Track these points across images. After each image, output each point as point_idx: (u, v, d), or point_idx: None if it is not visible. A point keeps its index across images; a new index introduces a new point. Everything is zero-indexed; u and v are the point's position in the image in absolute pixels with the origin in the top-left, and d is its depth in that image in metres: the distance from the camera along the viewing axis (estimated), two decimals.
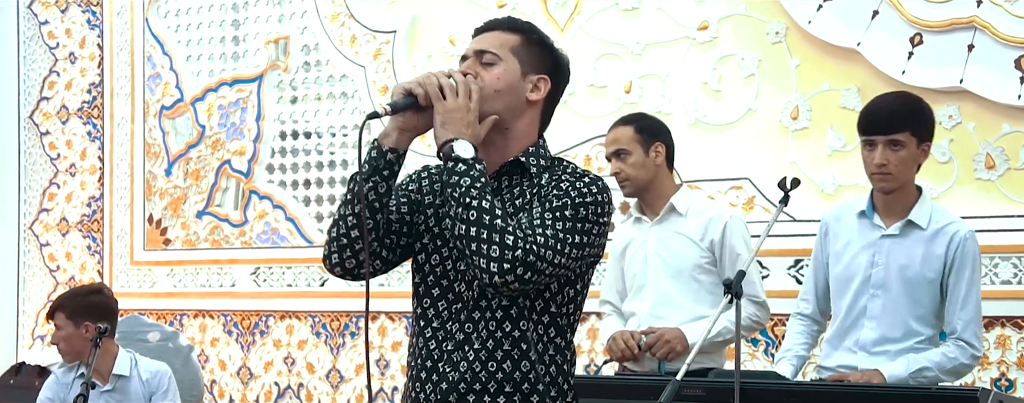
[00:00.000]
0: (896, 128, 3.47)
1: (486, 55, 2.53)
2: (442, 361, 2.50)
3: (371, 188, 2.53)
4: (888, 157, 3.47)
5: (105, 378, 4.65)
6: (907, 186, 3.54)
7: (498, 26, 2.58)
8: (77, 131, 7.28)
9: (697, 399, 3.32)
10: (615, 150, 4.13)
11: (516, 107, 2.54)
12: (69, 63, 7.32)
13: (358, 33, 6.36)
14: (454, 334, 2.51)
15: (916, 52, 4.92)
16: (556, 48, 2.61)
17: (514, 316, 2.47)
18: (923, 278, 3.51)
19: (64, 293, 4.99)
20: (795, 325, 3.77)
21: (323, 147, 6.48)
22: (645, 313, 4.07)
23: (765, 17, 5.26)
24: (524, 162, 2.54)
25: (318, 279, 6.44)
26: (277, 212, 6.60)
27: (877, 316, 3.54)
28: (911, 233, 3.53)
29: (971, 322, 3.50)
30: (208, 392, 6.64)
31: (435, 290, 2.56)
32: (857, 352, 3.56)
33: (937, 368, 3.46)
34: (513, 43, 2.54)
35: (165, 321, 6.75)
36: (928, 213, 3.54)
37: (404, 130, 2.54)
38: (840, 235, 3.64)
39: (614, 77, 5.60)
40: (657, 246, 4.09)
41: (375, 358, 6.25)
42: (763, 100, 5.25)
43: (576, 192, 2.46)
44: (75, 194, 7.29)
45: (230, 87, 6.78)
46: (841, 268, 3.62)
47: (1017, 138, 4.74)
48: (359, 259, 2.56)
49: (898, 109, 3.55)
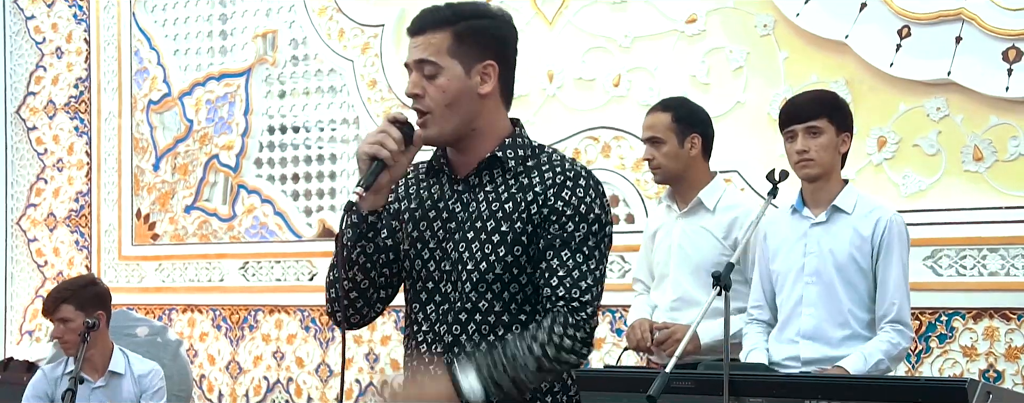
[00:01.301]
0: (813, 115, 3.63)
1: (426, 66, 2.48)
2: (433, 365, 2.49)
3: (359, 252, 2.49)
4: (808, 144, 3.61)
5: (100, 373, 4.63)
6: (832, 176, 3.66)
7: (428, 26, 2.49)
8: (64, 126, 7.26)
9: (686, 391, 3.33)
10: (649, 137, 4.05)
11: (472, 108, 2.50)
12: (56, 58, 7.30)
13: (346, 27, 6.35)
14: (443, 337, 2.50)
15: (904, 44, 4.92)
16: (490, 22, 2.52)
17: (506, 321, 2.48)
18: (854, 261, 3.60)
19: (61, 286, 4.87)
20: (753, 327, 3.82)
21: (312, 141, 6.47)
22: (665, 306, 4.07)
23: (753, 10, 5.26)
24: (501, 157, 2.51)
25: (307, 273, 6.44)
26: (266, 206, 6.59)
27: (814, 302, 3.62)
28: (838, 219, 3.64)
29: (904, 304, 3.58)
30: (197, 387, 6.63)
31: (423, 294, 2.54)
32: (798, 341, 3.63)
33: (888, 357, 3.54)
34: (447, 44, 2.47)
35: (154, 316, 6.74)
36: (854, 199, 3.65)
37: (378, 191, 2.48)
38: (776, 234, 3.75)
39: (602, 70, 5.59)
40: (681, 238, 4.06)
41: (364, 352, 6.25)
42: (751, 93, 5.26)
43: (585, 207, 2.46)
44: (62, 189, 7.27)
45: (218, 81, 6.76)
46: (778, 264, 3.73)
47: (1005, 130, 4.75)
48: (362, 314, 2.57)
49: (814, 99, 3.76)
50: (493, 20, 2.53)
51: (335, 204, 6.37)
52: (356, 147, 2.62)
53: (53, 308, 4.58)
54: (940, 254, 4.78)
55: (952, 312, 4.80)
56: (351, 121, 6.32)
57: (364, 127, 6.26)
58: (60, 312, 4.55)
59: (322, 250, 6.37)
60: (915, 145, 4.91)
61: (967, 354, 4.80)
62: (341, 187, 6.36)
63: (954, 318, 4.76)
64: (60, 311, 4.55)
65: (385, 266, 2.55)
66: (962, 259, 4.80)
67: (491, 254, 2.45)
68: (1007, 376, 4.73)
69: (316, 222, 6.43)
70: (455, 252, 2.49)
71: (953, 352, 4.77)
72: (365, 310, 2.56)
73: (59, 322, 4.55)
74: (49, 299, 4.66)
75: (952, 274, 4.78)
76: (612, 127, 5.57)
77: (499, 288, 2.47)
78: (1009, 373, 4.73)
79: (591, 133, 5.61)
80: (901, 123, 4.93)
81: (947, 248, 4.78)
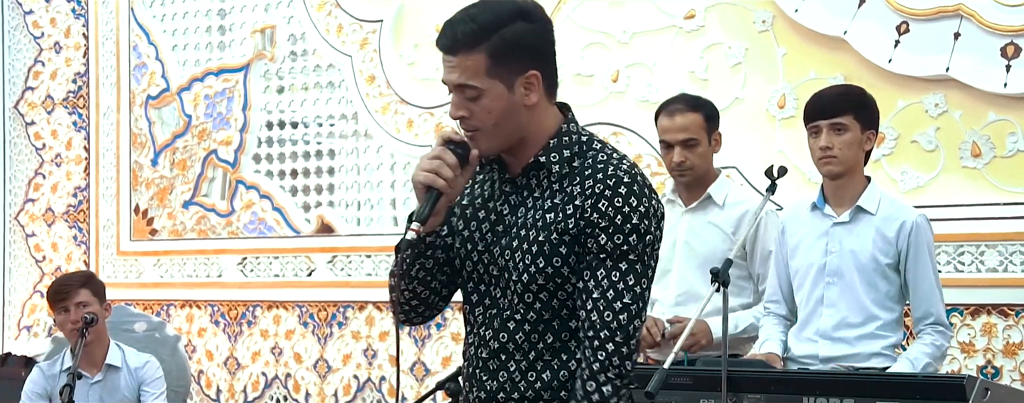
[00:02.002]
0: (839, 112, 3.58)
1: (467, 91, 2.39)
2: (480, 368, 2.47)
3: (418, 268, 2.48)
4: (832, 140, 3.57)
5: (98, 367, 4.64)
6: (855, 174, 3.62)
7: (460, 47, 2.38)
8: (62, 121, 7.26)
9: (685, 387, 3.33)
10: (685, 139, 3.96)
11: (520, 120, 2.42)
12: (54, 53, 7.29)
13: (345, 22, 6.34)
14: (489, 342, 2.45)
15: (902, 40, 4.92)
16: (522, 26, 2.39)
17: (556, 328, 2.41)
18: (876, 262, 3.57)
19: (71, 274, 4.93)
20: (769, 319, 3.81)
21: (310, 137, 6.47)
22: (669, 302, 4.04)
23: (751, 6, 5.26)
24: (544, 162, 2.43)
25: (305, 269, 6.43)
26: (264, 202, 6.59)
27: (834, 303, 3.60)
28: (861, 219, 3.61)
29: (939, 304, 3.59)
30: (195, 382, 6.64)
31: (474, 296, 2.51)
32: (818, 340, 3.62)
33: (932, 358, 3.54)
34: (485, 66, 2.37)
35: (152, 311, 6.74)
36: (877, 199, 3.62)
37: (436, 214, 2.42)
38: (796, 230, 3.72)
39: (601, 66, 5.59)
40: (688, 234, 4.03)
41: (362, 348, 6.25)
42: (750, 89, 5.26)
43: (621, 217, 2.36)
44: (61, 184, 7.26)
45: (216, 77, 6.76)
46: (798, 260, 3.70)
47: (1003, 126, 4.75)
48: (422, 315, 2.57)
49: (841, 94, 3.71)
50: (525, 23, 2.40)
51: (334, 200, 6.37)
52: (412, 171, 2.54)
53: (71, 293, 4.59)
54: (938, 250, 4.76)
55: (950, 308, 4.78)
56: (350, 116, 6.32)
57: (363, 122, 6.26)
58: (79, 296, 4.57)
59: (320, 246, 6.37)
60: (913, 141, 4.91)
61: (965, 350, 4.80)
62: (339, 183, 6.35)
63: (952, 314, 4.76)
64: (79, 295, 4.57)
65: (445, 275, 2.52)
66: (960, 255, 4.80)
67: (531, 265, 2.39)
68: (1005, 372, 4.73)
69: (314, 218, 6.43)
70: (502, 259, 2.44)
71: (951, 348, 4.77)
72: (424, 310, 2.57)
73: (77, 307, 4.56)
74: (64, 285, 4.66)
75: (950, 270, 4.78)
76: (611, 123, 5.57)
77: (546, 297, 2.40)
78: (1007, 369, 4.74)
79: (589, 129, 5.60)
80: (899, 119, 4.93)
81: (945, 244, 4.78)
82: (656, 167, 5.41)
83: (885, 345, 3.57)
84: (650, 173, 5.47)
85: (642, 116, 5.32)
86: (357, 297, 6.24)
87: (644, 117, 5.21)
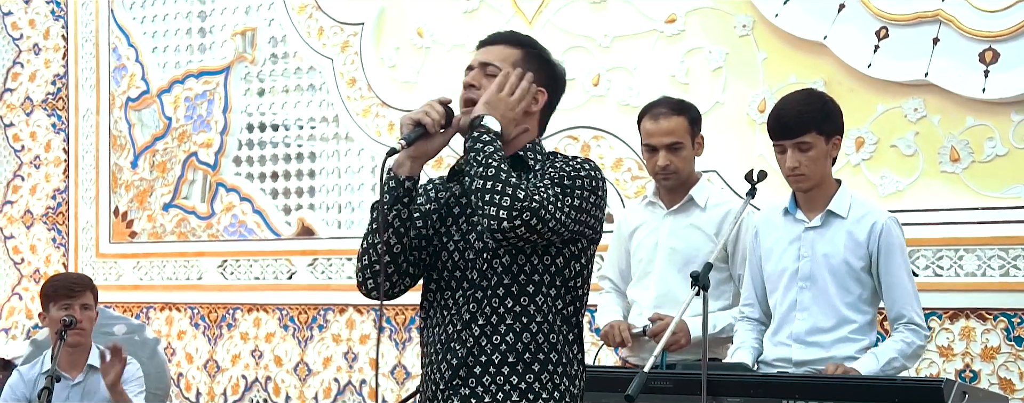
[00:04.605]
0: (801, 131, 3.58)
1: (489, 67, 2.80)
2: (453, 341, 2.74)
3: (395, 216, 2.75)
4: (799, 159, 3.59)
5: (80, 369, 4.62)
6: (825, 181, 3.65)
7: (502, 40, 2.85)
8: (41, 123, 7.23)
9: (665, 391, 3.34)
10: (671, 143, 3.98)
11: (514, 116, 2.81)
12: (33, 54, 7.26)
13: (326, 25, 6.34)
14: (462, 315, 2.74)
15: (882, 45, 4.95)
16: (554, 62, 2.90)
17: (515, 293, 2.72)
18: (848, 265, 3.59)
19: (71, 276, 4.91)
20: (744, 325, 3.83)
21: (291, 139, 6.46)
22: (648, 304, 4.05)
23: (732, 10, 5.28)
24: (523, 156, 2.81)
25: (285, 272, 6.42)
26: (244, 205, 6.57)
27: (808, 307, 3.62)
28: (832, 223, 3.63)
29: (913, 304, 3.60)
30: (175, 385, 6.61)
31: (452, 282, 2.79)
32: (791, 344, 3.64)
33: (902, 356, 3.55)
34: (515, 58, 2.81)
35: (131, 314, 6.71)
36: (847, 203, 3.64)
37: (416, 158, 2.78)
38: (768, 235, 3.74)
39: (582, 70, 5.60)
40: (669, 236, 4.04)
41: (343, 351, 6.24)
42: (730, 93, 5.27)
43: (570, 168, 2.75)
44: (40, 186, 7.23)
45: (197, 79, 6.74)
46: (771, 265, 3.72)
47: (982, 131, 4.77)
48: (392, 282, 2.80)
49: (801, 111, 3.62)
50: (556, 63, 2.92)
51: (314, 202, 6.36)
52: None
53: (77, 292, 4.57)
54: (917, 254, 4.80)
55: (928, 312, 4.79)
56: (330, 119, 6.31)
57: (343, 125, 6.26)
58: (84, 297, 4.57)
59: (301, 248, 6.36)
60: (892, 146, 4.93)
61: (943, 354, 4.83)
62: (320, 186, 6.35)
63: (930, 318, 4.78)
64: (85, 297, 4.58)
65: (416, 236, 2.79)
66: (939, 259, 4.82)
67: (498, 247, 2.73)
68: (983, 376, 4.76)
69: (295, 220, 6.42)
70: (479, 243, 2.76)
71: (929, 352, 4.79)
72: (396, 278, 2.79)
73: (82, 308, 4.55)
74: (75, 283, 4.64)
75: (929, 274, 4.80)
76: (591, 127, 5.58)
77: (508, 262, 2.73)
78: (985, 373, 4.76)
79: (571, 132, 5.61)
80: (879, 124, 4.95)
81: (924, 248, 4.80)
82: (637, 170, 5.42)
83: (859, 348, 3.59)
84: (631, 176, 5.48)
85: (623, 120, 5.33)
86: (338, 300, 6.23)
87: (625, 121, 5.22)
